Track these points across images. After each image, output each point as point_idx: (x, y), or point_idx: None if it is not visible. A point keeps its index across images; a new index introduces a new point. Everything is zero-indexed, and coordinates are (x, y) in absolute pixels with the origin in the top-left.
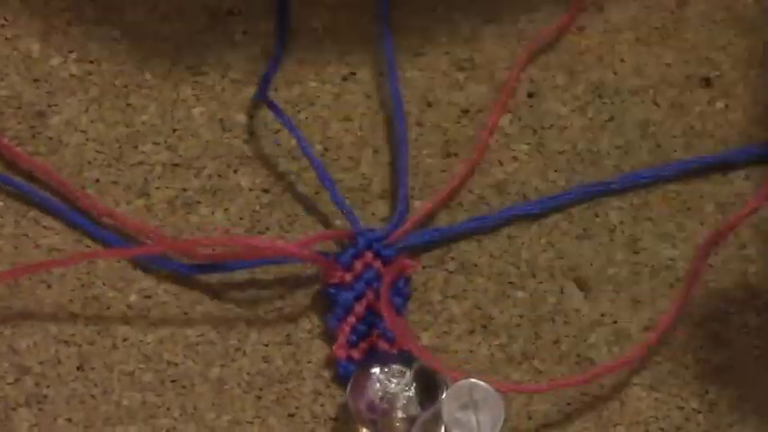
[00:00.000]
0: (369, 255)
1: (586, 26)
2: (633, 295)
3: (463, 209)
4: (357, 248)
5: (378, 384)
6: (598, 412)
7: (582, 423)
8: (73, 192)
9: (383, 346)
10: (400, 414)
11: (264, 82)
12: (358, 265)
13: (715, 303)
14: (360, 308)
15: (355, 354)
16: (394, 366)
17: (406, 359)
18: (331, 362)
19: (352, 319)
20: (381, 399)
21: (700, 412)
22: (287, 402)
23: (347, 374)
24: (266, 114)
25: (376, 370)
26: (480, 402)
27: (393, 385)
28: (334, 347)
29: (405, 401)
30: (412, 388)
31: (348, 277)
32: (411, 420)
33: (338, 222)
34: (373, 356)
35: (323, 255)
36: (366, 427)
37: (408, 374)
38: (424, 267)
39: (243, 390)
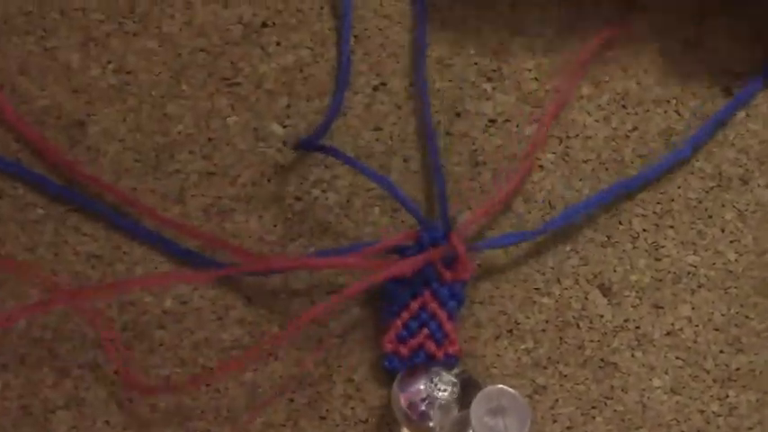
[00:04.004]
0: (432, 252)
1: (611, 37)
2: (655, 301)
3: (490, 216)
4: (420, 245)
5: (424, 387)
6: (620, 415)
7: (605, 426)
8: (122, 194)
9: (430, 346)
10: (438, 416)
11: (321, 131)
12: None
13: (735, 309)
14: (415, 305)
15: (403, 350)
16: (444, 375)
17: (449, 363)
18: (361, 364)
19: (405, 315)
20: (423, 400)
21: (720, 416)
22: (318, 405)
23: (392, 368)
24: (299, 124)
25: (427, 374)
26: (508, 407)
27: (440, 393)
28: (384, 340)
29: (445, 406)
30: (455, 397)
31: (408, 273)
32: (445, 422)
33: (368, 230)
34: (422, 357)
35: (390, 249)
36: (403, 423)
37: (457, 386)
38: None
39: (275, 393)
